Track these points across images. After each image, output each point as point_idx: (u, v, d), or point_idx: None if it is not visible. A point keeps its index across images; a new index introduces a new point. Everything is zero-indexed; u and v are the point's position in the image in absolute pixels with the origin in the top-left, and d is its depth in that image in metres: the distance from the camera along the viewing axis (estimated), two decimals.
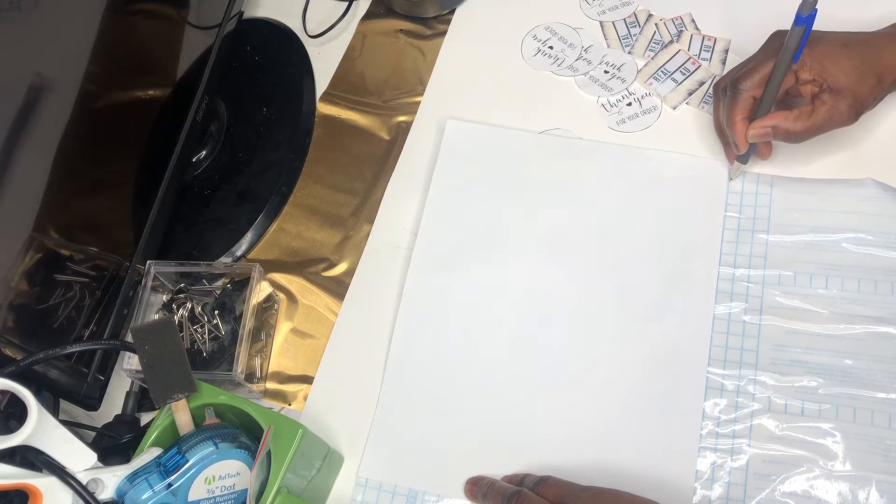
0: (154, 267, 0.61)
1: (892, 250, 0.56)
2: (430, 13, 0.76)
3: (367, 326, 0.63)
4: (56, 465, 0.46)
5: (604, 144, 0.65)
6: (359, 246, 0.67)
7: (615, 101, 0.67)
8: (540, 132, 0.67)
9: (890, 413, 0.52)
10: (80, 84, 0.56)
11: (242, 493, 0.49)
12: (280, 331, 0.65)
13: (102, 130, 0.60)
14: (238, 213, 0.70)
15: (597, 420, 0.56)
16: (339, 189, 0.70)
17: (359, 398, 0.60)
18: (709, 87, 0.66)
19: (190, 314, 0.62)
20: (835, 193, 0.59)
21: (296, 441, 0.49)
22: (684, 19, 0.69)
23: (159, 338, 0.50)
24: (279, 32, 0.79)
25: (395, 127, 0.72)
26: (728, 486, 0.52)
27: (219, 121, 0.74)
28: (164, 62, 0.66)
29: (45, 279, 0.56)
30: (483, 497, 0.53)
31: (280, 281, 0.67)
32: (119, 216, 0.63)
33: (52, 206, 0.55)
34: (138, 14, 0.63)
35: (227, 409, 0.52)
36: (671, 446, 0.54)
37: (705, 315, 0.57)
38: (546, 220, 0.63)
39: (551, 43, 0.71)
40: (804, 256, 0.57)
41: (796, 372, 0.54)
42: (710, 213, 0.60)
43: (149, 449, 0.50)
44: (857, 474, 0.51)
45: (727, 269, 0.58)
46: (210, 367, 0.60)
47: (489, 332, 0.61)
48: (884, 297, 0.55)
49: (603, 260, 0.61)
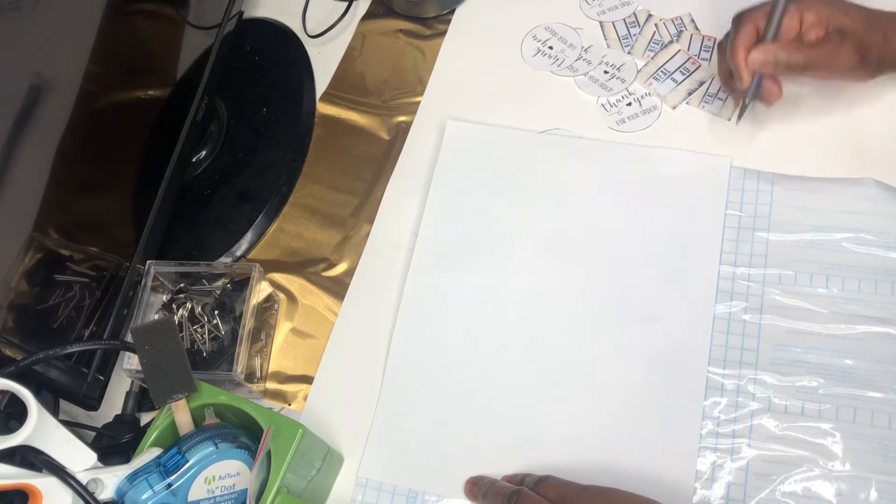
0: (154, 267, 0.61)
1: (892, 250, 0.56)
2: (430, 13, 0.76)
3: (367, 326, 0.63)
4: (56, 465, 0.46)
5: (604, 143, 0.65)
6: (359, 246, 0.67)
7: (615, 101, 0.67)
8: (540, 132, 0.67)
9: (890, 413, 0.52)
10: (80, 84, 0.57)
11: (242, 493, 0.49)
12: (280, 331, 0.65)
13: (102, 130, 0.60)
14: (238, 213, 0.70)
15: (597, 419, 0.56)
16: (339, 189, 0.70)
17: (359, 398, 0.60)
18: (708, 87, 0.66)
19: (190, 314, 0.62)
20: (835, 192, 0.59)
21: (296, 441, 0.49)
22: (684, 19, 0.69)
23: (159, 338, 0.50)
24: (279, 32, 0.79)
25: (395, 127, 0.72)
26: (728, 486, 0.52)
27: (219, 121, 0.74)
28: (164, 62, 0.66)
29: (45, 279, 0.56)
30: (483, 497, 0.53)
31: (280, 281, 0.67)
32: (119, 216, 0.63)
33: (52, 206, 0.55)
34: (138, 14, 0.63)
35: (227, 409, 0.52)
36: (671, 446, 0.54)
37: (706, 314, 0.57)
38: (546, 220, 0.63)
39: (551, 43, 0.71)
40: (805, 255, 0.57)
41: (796, 372, 0.54)
42: (711, 210, 0.60)
43: (149, 449, 0.50)
44: (857, 474, 0.51)
45: (727, 267, 0.58)
46: (210, 367, 0.60)
47: (489, 331, 0.61)
48: (884, 297, 0.55)
49: (603, 259, 0.61)
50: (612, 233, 0.62)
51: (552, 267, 0.62)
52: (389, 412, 0.59)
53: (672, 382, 0.56)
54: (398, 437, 0.58)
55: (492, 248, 0.63)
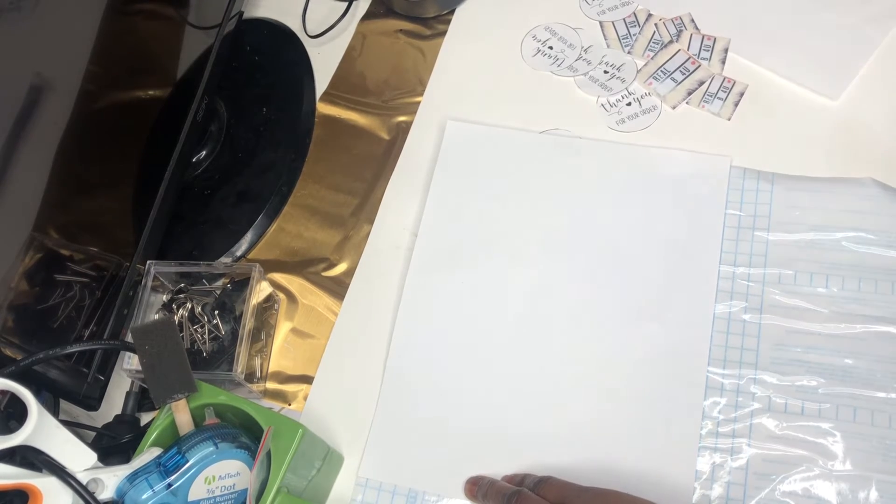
0: (154, 267, 0.61)
1: (892, 249, 0.56)
2: (430, 13, 0.76)
3: (367, 326, 0.63)
4: (56, 465, 0.46)
5: (603, 143, 0.65)
6: (359, 246, 0.67)
7: (615, 101, 0.67)
8: (540, 132, 0.67)
9: (890, 413, 0.52)
10: (80, 84, 0.57)
11: (242, 493, 0.49)
12: (280, 331, 0.65)
13: (102, 130, 0.60)
14: (238, 213, 0.70)
15: (596, 420, 0.56)
16: (339, 189, 0.70)
17: (359, 398, 0.60)
18: (708, 87, 0.66)
19: (190, 314, 0.62)
20: (835, 192, 0.59)
21: (296, 441, 0.49)
22: (684, 19, 0.69)
23: (159, 338, 0.50)
24: (279, 32, 0.79)
25: (395, 127, 0.72)
26: (728, 486, 0.52)
27: (219, 121, 0.74)
28: (164, 62, 0.66)
29: (45, 279, 0.56)
30: (483, 497, 0.53)
31: (280, 281, 0.67)
32: (119, 216, 0.63)
33: (52, 206, 0.55)
34: (138, 14, 0.63)
35: (227, 409, 0.52)
36: (671, 446, 0.54)
37: (705, 314, 0.57)
38: (546, 220, 0.63)
39: (551, 43, 0.71)
40: (804, 255, 0.57)
41: (796, 371, 0.54)
42: (711, 210, 0.60)
43: (149, 449, 0.50)
44: (857, 474, 0.51)
45: (727, 267, 0.58)
46: (210, 367, 0.60)
47: (489, 331, 0.60)
48: (884, 297, 0.55)
49: (602, 258, 0.61)
50: (611, 232, 0.62)
51: (552, 267, 0.62)
52: (389, 412, 0.59)
53: (672, 382, 0.56)
54: (398, 437, 0.58)
55: (492, 248, 0.63)
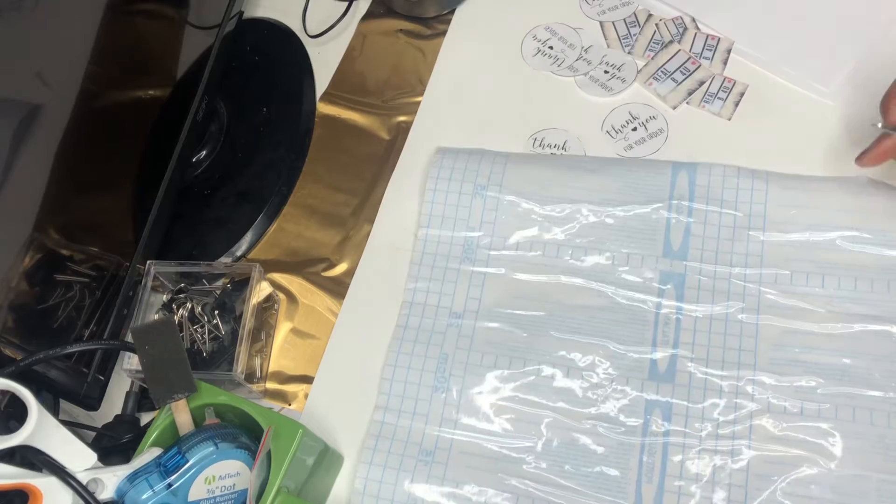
0: (154, 267, 0.61)
1: (887, 248, 0.56)
2: (430, 13, 0.76)
3: (367, 326, 0.63)
4: (56, 465, 0.46)
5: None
6: (359, 246, 0.67)
7: (619, 127, 0.66)
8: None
9: (889, 412, 0.52)
10: (81, 84, 0.57)
11: (242, 493, 0.49)
12: (280, 331, 0.65)
13: (102, 130, 0.60)
14: (238, 213, 0.70)
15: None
16: (339, 189, 0.70)
17: (359, 398, 0.60)
18: (708, 87, 0.66)
19: (190, 314, 0.62)
20: (830, 191, 0.59)
21: (296, 441, 0.49)
22: (684, 19, 0.69)
23: (159, 338, 0.51)
24: (279, 32, 0.79)
25: (395, 127, 0.72)
26: (729, 489, 0.52)
27: (219, 121, 0.74)
28: (164, 62, 0.66)
29: (45, 279, 0.56)
30: None
31: (280, 281, 0.67)
32: (119, 216, 0.63)
33: (52, 206, 0.55)
34: (138, 14, 0.63)
35: (227, 409, 0.52)
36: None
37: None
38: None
39: (551, 43, 0.71)
40: (800, 255, 0.57)
41: (794, 372, 0.54)
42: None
43: (149, 449, 0.50)
44: (857, 474, 0.51)
45: (723, 268, 0.58)
46: (210, 367, 0.61)
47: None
48: (880, 296, 0.55)
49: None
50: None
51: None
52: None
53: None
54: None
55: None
